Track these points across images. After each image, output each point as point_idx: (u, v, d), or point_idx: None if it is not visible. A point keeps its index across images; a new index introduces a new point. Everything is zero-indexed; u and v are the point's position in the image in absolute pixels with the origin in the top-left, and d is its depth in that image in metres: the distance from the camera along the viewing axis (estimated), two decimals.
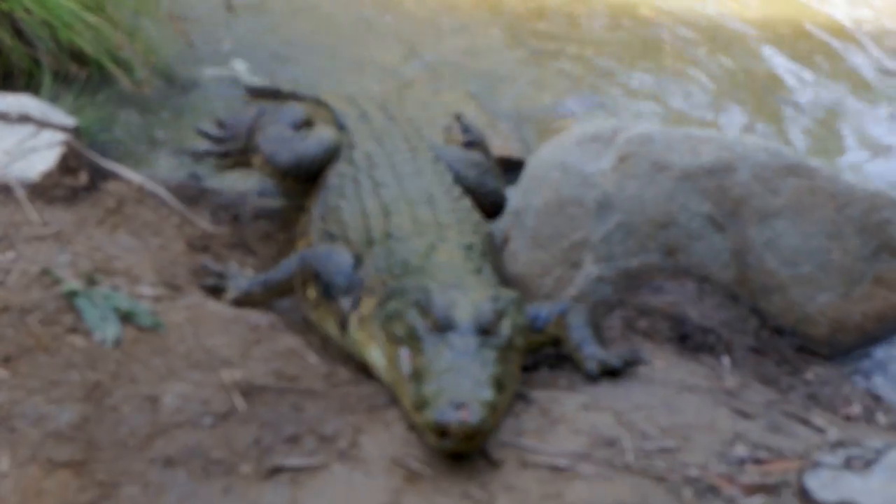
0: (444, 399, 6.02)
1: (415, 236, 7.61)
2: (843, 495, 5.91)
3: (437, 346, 6.46)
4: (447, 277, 7.08)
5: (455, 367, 6.30)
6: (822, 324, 8.03)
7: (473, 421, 5.89)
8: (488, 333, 6.57)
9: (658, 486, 6.07)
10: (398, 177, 8.30)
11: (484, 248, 7.83)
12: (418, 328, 6.61)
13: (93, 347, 6.76)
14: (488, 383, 6.22)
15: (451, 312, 6.61)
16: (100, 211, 7.98)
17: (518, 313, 6.93)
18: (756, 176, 8.00)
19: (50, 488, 5.82)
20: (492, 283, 7.36)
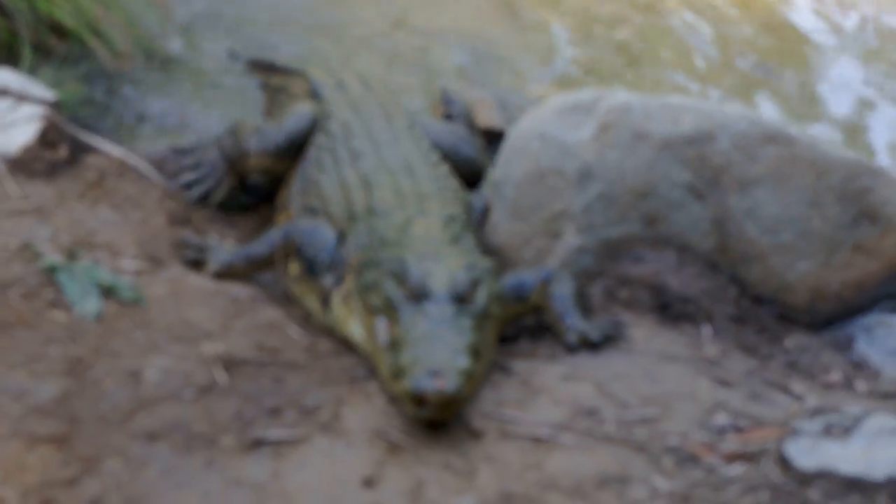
0: (420, 368, 6.06)
1: (396, 210, 7.62)
2: (823, 462, 5.95)
3: (414, 315, 6.51)
4: (423, 248, 7.10)
5: (431, 336, 6.34)
6: (802, 292, 8.04)
7: (450, 389, 5.93)
8: (464, 301, 6.61)
9: (638, 455, 6.10)
10: (375, 145, 8.31)
11: (465, 217, 7.86)
12: (394, 298, 6.66)
13: (74, 322, 6.76)
14: (464, 351, 6.27)
15: (427, 281, 6.66)
16: (80, 185, 7.97)
17: (494, 282, 7.00)
18: (736, 144, 7.99)
19: (32, 463, 5.82)
20: (470, 253, 7.38)
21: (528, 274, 7.43)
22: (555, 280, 7.34)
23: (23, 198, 7.60)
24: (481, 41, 11.75)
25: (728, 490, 5.83)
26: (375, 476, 5.82)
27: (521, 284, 7.35)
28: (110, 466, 5.84)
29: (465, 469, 5.89)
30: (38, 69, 9.70)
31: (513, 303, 7.33)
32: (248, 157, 8.78)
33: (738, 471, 5.98)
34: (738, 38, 12.18)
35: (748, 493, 5.81)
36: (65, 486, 5.70)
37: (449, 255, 7.05)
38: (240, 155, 8.81)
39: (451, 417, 6.09)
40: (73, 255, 7.17)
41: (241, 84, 10.81)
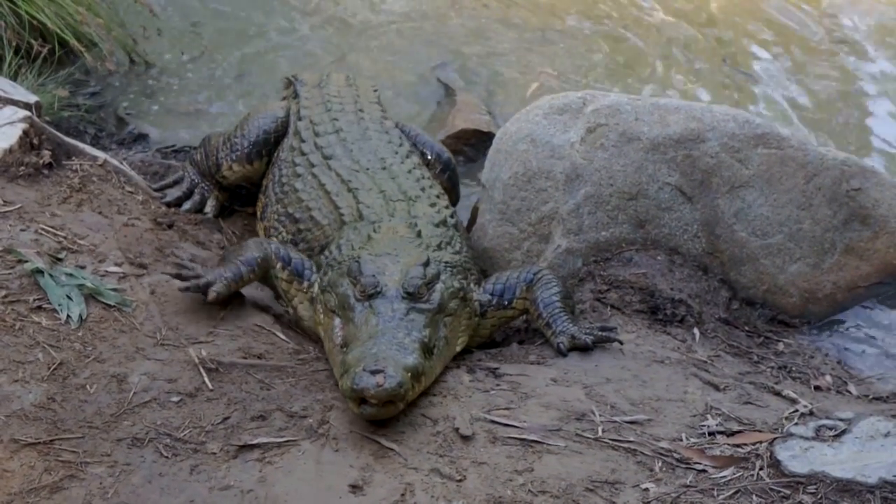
0: (360, 365, 6.01)
1: (386, 216, 7.56)
2: (815, 466, 5.90)
3: (365, 313, 6.51)
4: (388, 247, 7.08)
5: (379, 333, 6.31)
6: (794, 294, 8.02)
7: (389, 386, 5.90)
8: (417, 298, 6.61)
9: (629, 459, 6.05)
10: (344, 143, 8.26)
11: (450, 214, 7.79)
12: (349, 297, 6.65)
13: (58, 326, 6.70)
14: (412, 348, 6.24)
15: (379, 279, 6.63)
16: (64, 188, 7.90)
17: (454, 278, 6.96)
18: (725, 146, 7.97)
19: (15, 469, 5.77)
20: (452, 250, 7.35)
21: (511, 278, 7.35)
22: (538, 283, 7.27)
23: (4, 202, 7.52)
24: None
25: (719, 494, 5.78)
26: (363, 481, 5.77)
27: (503, 291, 7.30)
28: (95, 472, 5.79)
29: (453, 474, 5.84)
30: (20, 72, 9.64)
31: (498, 309, 7.31)
32: (221, 170, 8.73)
33: (730, 475, 5.93)
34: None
35: (739, 498, 5.76)
36: (49, 492, 5.65)
37: (409, 253, 7.00)
38: (215, 169, 8.77)
39: (394, 414, 6.07)
40: (57, 260, 7.11)
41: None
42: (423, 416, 6.27)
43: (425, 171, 8.26)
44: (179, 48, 11.30)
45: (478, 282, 7.40)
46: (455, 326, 6.87)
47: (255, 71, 11.15)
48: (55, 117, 9.56)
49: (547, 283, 7.27)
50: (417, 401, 6.38)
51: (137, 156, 9.45)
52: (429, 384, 6.37)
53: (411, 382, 6.06)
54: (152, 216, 8.16)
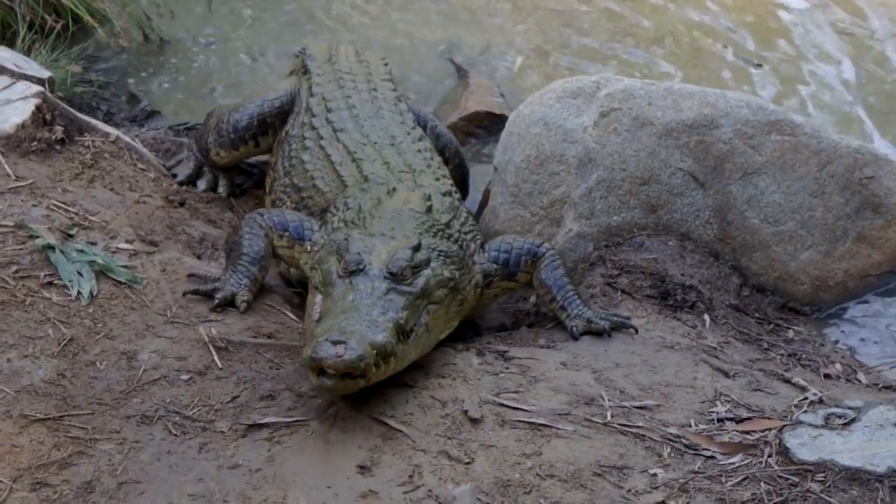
0: (325, 335, 5.86)
1: (394, 180, 7.49)
2: (823, 454, 5.89)
3: (343, 289, 6.35)
4: (388, 225, 6.89)
5: (354, 308, 6.15)
6: (804, 282, 8.01)
7: (348, 357, 5.73)
8: (400, 280, 6.41)
9: (637, 444, 6.05)
10: (356, 119, 8.17)
11: (453, 191, 7.69)
12: (332, 273, 6.50)
13: (68, 302, 6.70)
14: (384, 326, 6.05)
15: (364, 256, 6.47)
16: (76, 165, 7.90)
17: (446, 267, 6.74)
18: (738, 132, 7.96)
19: (24, 444, 5.77)
20: (454, 230, 7.17)
21: (515, 247, 7.28)
22: (544, 261, 7.23)
23: (16, 177, 7.52)
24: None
25: (727, 481, 5.78)
26: (371, 462, 5.77)
27: (508, 261, 7.25)
28: (104, 448, 5.80)
29: (462, 457, 5.84)
30: (33, 48, 9.63)
31: (503, 279, 7.28)
32: (209, 154, 8.74)
33: (738, 461, 5.92)
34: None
35: (747, 484, 5.75)
36: (57, 468, 5.66)
37: (405, 234, 6.80)
38: (205, 153, 8.78)
39: (356, 389, 5.89)
40: (68, 236, 7.11)
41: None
42: (432, 398, 6.26)
43: (435, 155, 8.16)
44: (194, 26, 11.28)
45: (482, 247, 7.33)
46: (440, 315, 6.66)
47: (271, 49, 11.12)
48: (68, 93, 9.56)
49: (553, 262, 7.24)
50: (426, 383, 6.39)
51: (150, 133, 9.44)
52: (400, 368, 6.18)
53: (375, 360, 5.85)
54: (164, 193, 8.16)
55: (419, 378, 6.42)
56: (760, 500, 5.64)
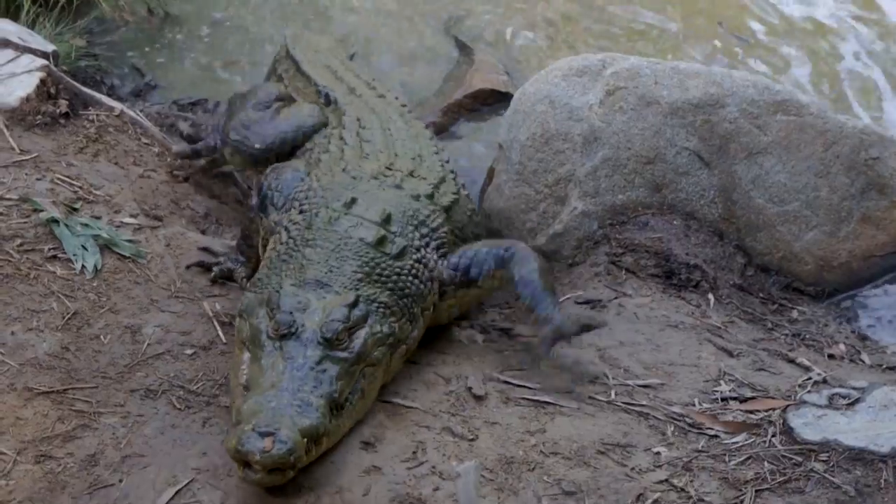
0: (252, 423, 5.32)
1: (368, 177, 7.00)
2: (827, 434, 5.90)
3: (273, 355, 5.79)
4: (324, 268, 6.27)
5: (283, 384, 5.60)
6: (809, 262, 8.01)
7: (276, 453, 5.21)
8: (335, 345, 5.84)
9: (641, 422, 6.05)
10: (386, 132, 7.69)
11: (446, 202, 7.10)
12: (261, 332, 5.92)
13: (72, 276, 6.70)
14: (316, 405, 5.52)
15: (296, 317, 5.90)
16: (80, 138, 7.90)
17: (385, 321, 6.14)
18: (744, 112, 7.95)
19: (28, 417, 5.78)
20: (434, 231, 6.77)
21: (481, 252, 6.75)
22: (513, 260, 6.71)
23: (20, 150, 7.52)
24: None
25: (731, 460, 5.78)
26: (374, 438, 5.77)
27: (469, 266, 6.73)
28: (108, 422, 5.80)
29: (465, 433, 5.84)
30: (38, 21, 9.61)
31: (460, 288, 6.73)
32: (225, 146, 8.28)
33: (742, 441, 5.93)
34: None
35: (751, 464, 5.76)
36: (61, 441, 5.66)
37: (342, 281, 6.21)
38: (221, 143, 8.34)
39: (283, 481, 5.34)
40: (73, 209, 7.10)
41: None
42: (436, 375, 6.27)
43: (457, 179, 7.59)
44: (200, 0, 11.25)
45: (446, 255, 6.81)
46: (377, 376, 6.05)
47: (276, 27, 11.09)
48: (72, 67, 9.54)
49: (523, 259, 6.69)
50: (430, 359, 6.39)
51: (154, 107, 9.43)
52: (332, 445, 5.66)
53: (307, 447, 5.36)
54: (168, 168, 8.16)
55: (423, 355, 6.43)
56: (764, 479, 5.65)
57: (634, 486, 5.59)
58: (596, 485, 5.58)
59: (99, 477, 5.49)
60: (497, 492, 5.51)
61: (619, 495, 5.53)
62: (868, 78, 10.73)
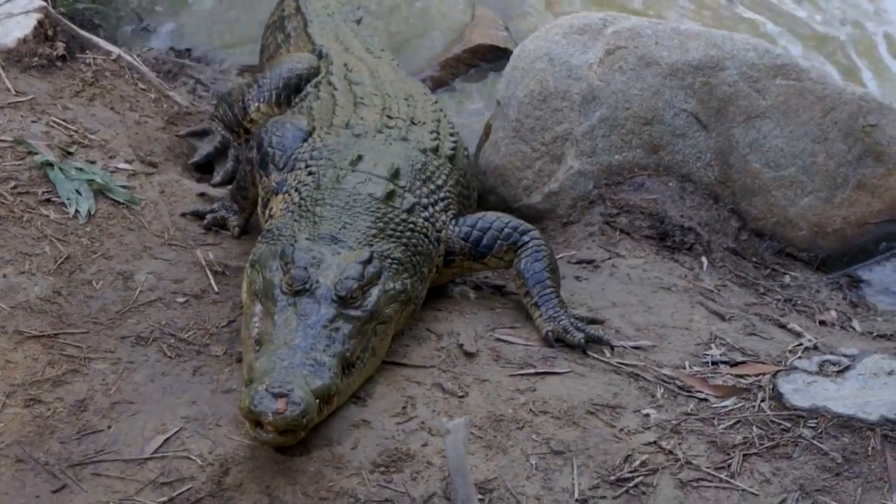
0: (265, 383, 5.26)
1: (374, 131, 6.97)
2: (816, 401, 5.91)
3: (287, 311, 5.73)
4: (337, 223, 6.20)
5: (296, 342, 5.55)
6: (803, 228, 8.01)
7: (290, 415, 5.16)
8: (349, 303, 5.79)
9: (631, 384, 6.06)
10: (374, 76, 7.71)
11: (449, 151, 7.10)
12: (275, 287, 5.85)
13: (66, 220, 6.69)
14: (329, 364, 5.48)
15: (311, 273, 5.83)
16: (76, 82, 7.85)
17: (398, 278, 6.10)
18: (744, 75, 7.93)
19: (19, 360, 5.78)
20: (439, 188, 6.72)
21: (494, 228, 6.65)
22: (526, 250, 6.61)
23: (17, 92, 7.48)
24: None
25: (719, 424, 5.79)
26: (364, 393, 5.77)
27: (479, 240, 6.62)
28: (98, 368, 5.80)
29: (455, 390, 5.84)
30: None
31: (467, 259, 6.67)
32: (249, 112, 8.08)
33: (731, 405, 5.94)
34: None
35: (739, 428, 5.77)
36: (51, 386, 5.66)
37: (356, 237, 6.16)
38: (243, 114, 8.11)
39: (294, 442, 5.33)
40: (67, 153, 7.08)
41: None
42: (428, 331, 6.27)
43: (450, 121, 7.58)
44: None
45: (456, 216, 6.75)
46: (388, 333, 6.02)
47: None
48: (70, 9, 9.48)
49: (536, 252, 6.59)
50: (422, 315, 6.38)
51: (151, 53, 9.39)
52: (342, 402, 5.64)
53: (319, 407, 5.33)
54: (164, 115, 8.12)
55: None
56: (752, 444, 5.66)
57: (623, 447, 5.61)
58: (584, 445, 5.60)
59: (88, 422, 5.50)
60: (485, 449, 5.52)
61: (608, 456, 5.55)
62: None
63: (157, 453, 5.35)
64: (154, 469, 5.29)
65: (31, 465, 5.25)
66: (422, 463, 5.40)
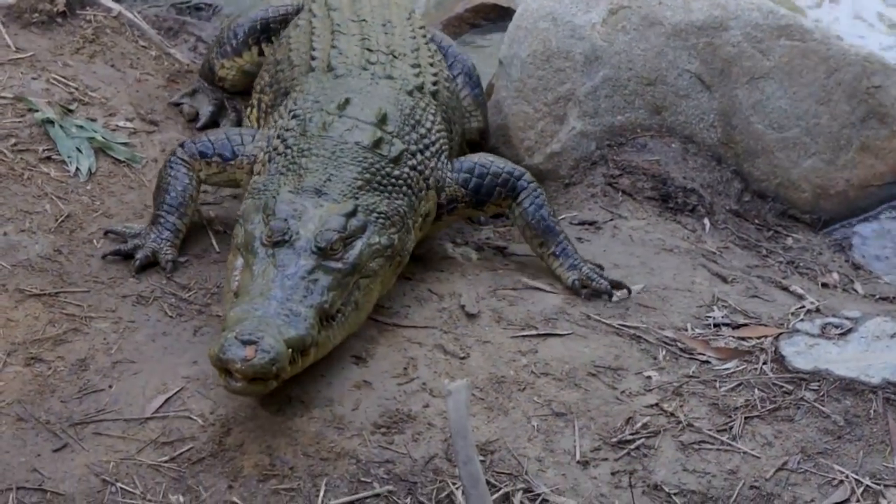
0: (235, 330, 5.15)
1: (357, 69, 6.74)
2: (819, 363, 5.91)
3: (265, 263, 5.62)
4: (322, 174, 6.06)
5: (271, 292, 5.44)
6: (806, 189, 7.98)
7: (258, 362, 5.05)
8: (329, 255, 5.66)
9: (633, 346, 6.05)
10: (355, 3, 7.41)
11: (431, 87, 6.88)
12: (255, 239, 5.74)
13: (66, 178, 6.68)
14: (305, 315, 5.37)
15: (291, 224, 5.71)
16: (77, 39, 7.82)
17: (384, 232, 5.96)
18: (748, 35, 7.89)
19: (19, 319, 5.78)
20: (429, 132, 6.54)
21: (490, 174, 6.54)
22: (526, 197, 6.55)
23: (17, 48, 7.45)
24: None
25: (721, 386, 5.79)
26: (366, 353, 5.78)
27: (479, 189, 6.52)
28: (99, 327, 5.80)
29: (457, 351, 5.85)
30: None
31: (468, 207, 6.59)
32: (216, 72, 7.86)
33: (733, 367, 5.94)
34: None
35: (741, 390, 5.78)
36: (52, 344, 5.66)
37: (341, 188, 6.01)
38: (212, 75, 7.90)
39: (266, 392, 5.22)
40: (68, 111, 7.05)
41: None
42: (430, 292, 6.26)
43: (430, 45, 7.40)
44: None
45: (451, 158, 6.67)
46: (373, 289, 5.90)
47: None
48: None
49: (536, 199, 6.55)
50: (424, 276, 6.37)
51: (152, 10, 9.33)
52: (322, 356, 5.54)
53: (291, 357, 5.21)
54: (165, 73, 8.07)
55: (417, 271, 6.42)
56: (754, 406, 5.66)
57: (624, 410, 5.61)
58: (586, 407, 5.60)
59: (89, 381, 5.51)
60: (487, 411, 5.53)
61: (609, 418, 5.55)
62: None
63: (158, 413, 5.37)
64: (155, 429, 5.31)
65: (32, 423, 5.27)
66: (423, 424, 5.41)
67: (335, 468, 5.19)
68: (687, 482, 5.30)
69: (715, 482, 5.31)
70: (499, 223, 7.34)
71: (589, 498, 5.18)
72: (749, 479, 5.33)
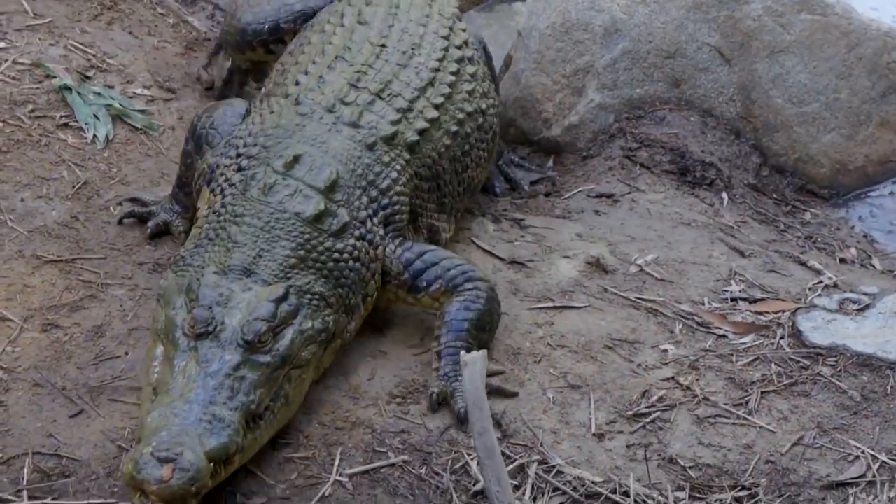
0: (151, 444, 4.67)
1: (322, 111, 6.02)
2: (836, 339, 5.91)
3: (186, 357, 5.08)
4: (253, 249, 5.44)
5: (192, 394, 4.93)
6: (825, 164, 7.95)
7: (176, 483, 4.59)
8: (257, 348, 5.11)
9: (650, 319, 6.05)
10: (389, 17, 6.71)
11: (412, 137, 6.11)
12: (176, 328, 5.19)
13: (84, 145, 6.66)
14: (229, 420, 4.86)
15: (216, 313, 5.18)
16: (94, 5, 7.80)
17: (318, 315, 5.38)
18: (769, 9, 7.85)
19: (36, 285, 5.78)
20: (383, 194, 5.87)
21: (442, 266, 5.78)
22: (461, 294, 5.70)
23: (35, 14, 7.44)
24: None
25: (738, 360, 5.79)
26: (382, 323, 5.81)
27: (420, 273, 5.77)
28: (115, 294, 5.80)
29: None
30: None
31: (401, 288, 5.83)
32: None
33: (750, 342, 5.93)
34: None
35: (758, 365, 5.77)
36: (69, 311, 5.66)
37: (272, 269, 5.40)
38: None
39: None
40: (86, 77, 7.04)
41: None
42: None
43: (463, 75, 6.60)
44: None
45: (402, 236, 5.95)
46: (304, 378, 5.35)
47: None
48: None
49: (471, 301, 5.69)
50: None
51: None
52: (247, 460, 5.04)
53: (213, 470, 4.74)
54: (183, 40, 8.05)
55: None
56: (770, 381, 5.66)
57: (640, 383, 5.61)
58: (602, 380, 5.60)
59: (105, 348, 5.52)
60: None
61: (625, 391, 5.55)
62: None
63: None
64: None
65: (49, 389, 5.27)
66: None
67: (350, 437, 5.20)
68: (702, 456, 5.30)
69: (730, 456, 5.31)
70: (515, 195, 7.33)
71: (604, 470, 5.18)
72: (765, 453, 5.33)
